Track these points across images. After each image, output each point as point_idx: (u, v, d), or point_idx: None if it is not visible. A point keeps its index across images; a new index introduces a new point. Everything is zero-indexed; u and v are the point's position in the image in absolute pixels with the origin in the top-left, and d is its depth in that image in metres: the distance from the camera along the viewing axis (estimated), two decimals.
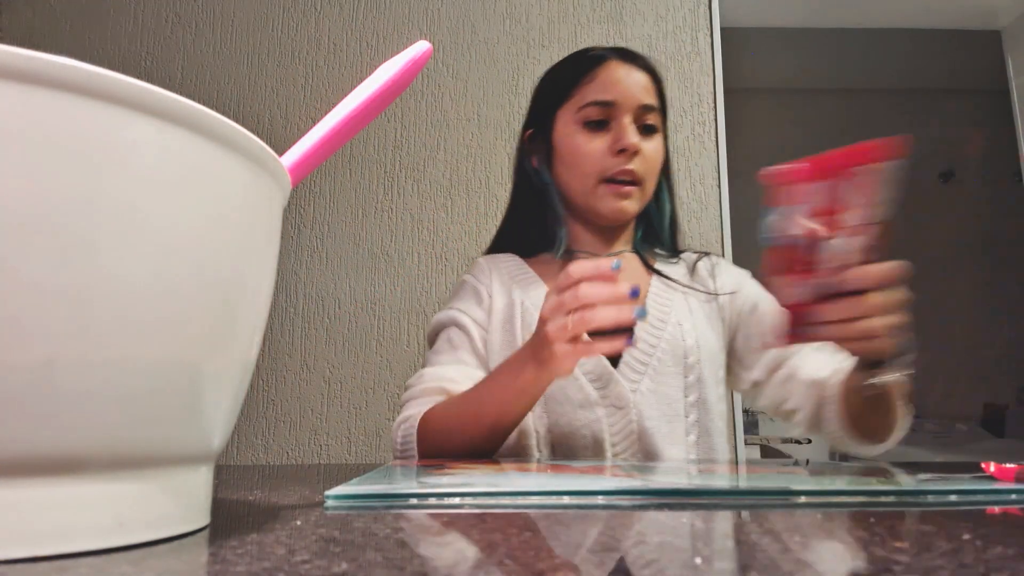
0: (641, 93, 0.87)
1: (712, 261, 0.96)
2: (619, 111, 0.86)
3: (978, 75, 2.80)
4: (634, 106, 0.87)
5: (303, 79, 1.80)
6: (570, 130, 0.89)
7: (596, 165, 0.86)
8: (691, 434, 0.83)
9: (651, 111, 0.88)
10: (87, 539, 0.22)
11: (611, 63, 0.88)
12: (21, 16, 1.83)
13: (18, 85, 0.20)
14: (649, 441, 0.80)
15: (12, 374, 0.20)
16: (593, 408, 0.81)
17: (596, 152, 0.86)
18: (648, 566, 0.22)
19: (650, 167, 0.88)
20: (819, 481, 0.44)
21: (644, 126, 0.88)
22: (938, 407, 2.93)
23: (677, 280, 0.91)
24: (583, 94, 0.88)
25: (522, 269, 0.92)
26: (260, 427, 1.64)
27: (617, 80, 0.87)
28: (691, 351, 0.85)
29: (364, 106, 0.38)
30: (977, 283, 3.07)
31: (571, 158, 0.89)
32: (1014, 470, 0.42)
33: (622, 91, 0.87)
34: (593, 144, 0.87)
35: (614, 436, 0.81)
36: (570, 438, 0.80)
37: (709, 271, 0.94)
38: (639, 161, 0.86)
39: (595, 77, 0.88)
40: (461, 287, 0.93)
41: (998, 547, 0.23)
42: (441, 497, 0.37)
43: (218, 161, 0.26)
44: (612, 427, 0.81)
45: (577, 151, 0.88)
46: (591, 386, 0.81)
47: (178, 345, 0.25)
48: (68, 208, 0.21)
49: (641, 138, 0.87)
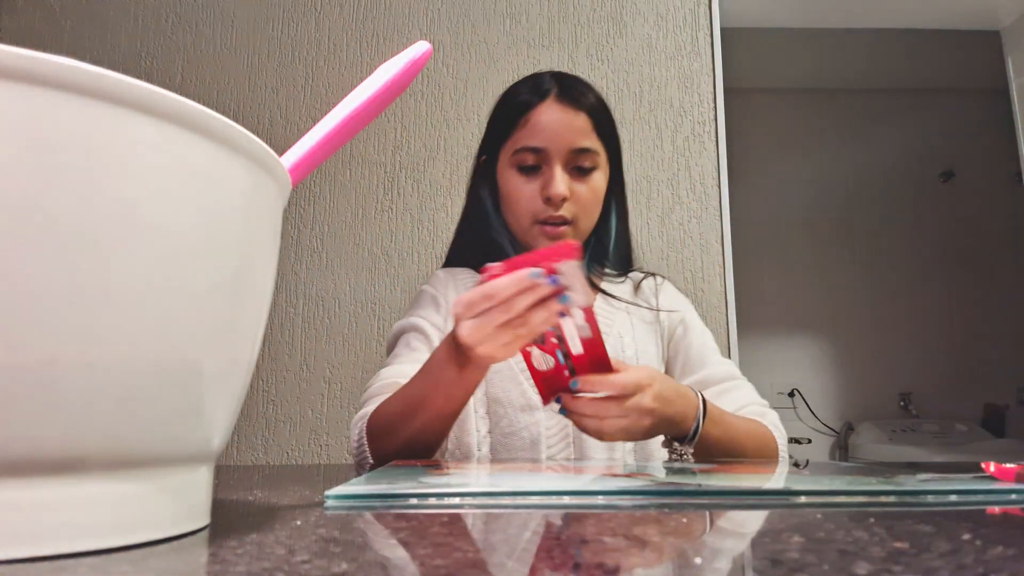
0: (574, 136, 0.87)
1: (657, 282, 1.00)
2: (550, 157, 0.87)
3: (978, 75, 2.80)
4: (565, 151, 0.87)
5: (303, 79, 1.80)
6: (507, 171, 0.91)
7: (528, 208, 0.89)
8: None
9: (585, 153, 0.88)
10: (87, 539, 0.23)
11: (544, 106, 0.88)
12: (21, 16, 1.83)
13: (18, 85, 0.20)
14: (584, 444, 0.85)
15: (12, 374, 0.20)
16: (534, 411, 0.85)
17: (528, 196, 0.89)
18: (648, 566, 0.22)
19: (583, 207, 0.89)
20: (819, 481, 0.44)
21: (578, 168, 0.89)
22: (938, 407, 2.93)
23: (619, 297, 0.95)
24: (516, 138, 0.89)
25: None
26: (260, 427, 1.64)
27: (547, 126, 0.87)
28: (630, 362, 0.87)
29: (364, 106, 0.38)
30: (977, 283, 3.07)
31: (507, 199, 0.91)
32: (1014, 470, 0.42)
33: (552, 137, 0.87)
34: (526, 188, 0.89)
35: (550, 439, 0.85)
36: (510, 438, 0.85)
37: (653, 290, 0.98)
38: (569, 206, 0.88)
39: (527, 121, 0.88)
40: (420, 296, 0.96)
41: (998, 547, 0.23)
42: (441, 497, 0.37)
43: (218, 161, 0.26)
44: (549, 430, 0.85)
45: (511, 193, 0.90)
46: (533, 391, 0.85)
47: (178, 345, 0.25)
48: (68, 208, 0.21)
49: (575, 180, 0.88)
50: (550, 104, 0.88)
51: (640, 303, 0.96)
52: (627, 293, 0.97)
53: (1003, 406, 2.91)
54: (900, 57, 2.89)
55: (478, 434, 0.85)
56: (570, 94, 0.89)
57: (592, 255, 0.97)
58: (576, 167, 0.88)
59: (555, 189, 0.86)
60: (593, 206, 0.91)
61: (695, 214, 1.72)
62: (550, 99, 0.88)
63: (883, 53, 2.86)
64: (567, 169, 0.88)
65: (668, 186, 1.73)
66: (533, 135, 0.88)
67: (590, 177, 0.89)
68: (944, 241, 3.10)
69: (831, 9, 2.20)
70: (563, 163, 0.88)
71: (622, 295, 0.96)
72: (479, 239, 0.96)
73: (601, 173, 0.91)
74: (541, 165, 0.88)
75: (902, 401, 2.96)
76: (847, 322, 3.02)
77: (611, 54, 1.80)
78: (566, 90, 0.89)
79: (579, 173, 0.89)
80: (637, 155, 1.75)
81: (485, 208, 0.95)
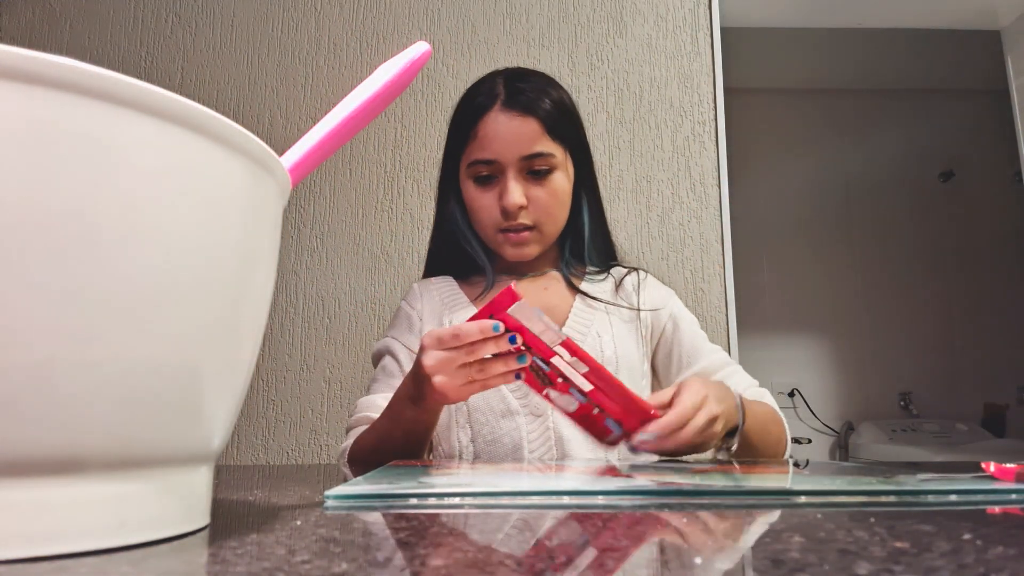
0: (524, 144, 0.86)
1: (639, 277, 0.99)
2: (503, 166, 0.87)
3: (978, 75, 2.80)
4: (516, 159, 0.87)
5: (303, 79, 1.80)
6: (466, 183, 0.91)
7: (489, 219, 0.89)
8: None
9: (538, 157, 0.87)
10: (87, 539, 0.22)
11: (491, 116, 0.87)
12: (21, 16, 1.83)
13: (18, 85, 0.20)
14: (567, 447, 0.85)
15: (12, 374, 0.20)
16: (514, 417, 0.85)
17: (487, 207, 0.89)
18: (649, 566, 0.22)
19: (544, 210, 0.89)
20: (819, 481, 0.44)
21: (533, 172, 0.88)
22: (938, 407, 2.93)
23: (598, 298, 0.94)
24: (469, 151, 0.89)
25: (453, 292, 0.96)
26: (260, 427, 1.64)
27: (496, 135, 0.86)
28: (609, 360, 0.88)
29: (363, 107, 0.38)
30: (977, 283, 3.06)
31: (470, 209, 0.92)
32: (1014, 470, 0.42)
33: (502, 147, 0.86)
34: (484, 199, 0.89)
35: (532, 443, 0.85)
36: (493, 445, 0.85)
37: (635, 286, 0.97)
38: (527, 213, 0.88)
39: (476, 134, 0.87)
40: (396, 315, 0.97)
41: (998, 547, 0.23)
42: (441, 497, 0.37)
43: (218, 161, 0.26)
44: (530, 434, 0.85)
45: (471, 204, 0.91)
46: (512, 395, 0.86)
47: (178, 345, 0.25)
48: (68, 208, 0.21)
49: (532, 184, 0.88)
50: (496, 114, 0.87)
51: (621, 303, 0.94)
52: (608, 291, 0.95)
53: (1003, 406, 2.91)
54: (900, 57, 2.89)
55: (460, 444, 0.87)
56: (517, 100, 0.87)
57: (570, 253, 0.97)
58: (531, 171, 0.88)
59: (509, 199, 0.86)
60: (556, 208, 0.90)
61: (695, 214, 1.72)
62: (495, 108, 0.87)
63: (883, 53, 2.86)
64: (522, 176, 0.87)
65: (668, 186, 1.73)
66: (483, 147, 0.87)
67: (548, 180, 0.88)
68: (944, 241, 3.10)
69: (831, 9, 2.20)
70: (516, 171, 0.87)
71: (602, 294, 0.94)
72: (451, 248, 0.97)
73: (561, 173, 0.90)
74: (496, 175, 0.88)
75: (902, 401, 2.96)
76: (847, 322, 3.02)
77: (611, 54, 1.80)
78: (513, 96, 0.87)
79: (535, 176, 0.88)
80: (637, 155, 1.75)
81: (454, 217, 0.95)
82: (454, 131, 0.93)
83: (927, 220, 3.12)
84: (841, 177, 3.15)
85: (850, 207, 3.13)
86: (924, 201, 3.13)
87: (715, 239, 1.71)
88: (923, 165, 3.14)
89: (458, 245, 0.96)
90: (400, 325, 0.95)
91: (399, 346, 0.92)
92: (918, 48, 2.80)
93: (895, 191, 3.14)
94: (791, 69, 3.01)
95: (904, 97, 3.16)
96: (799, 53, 2.88)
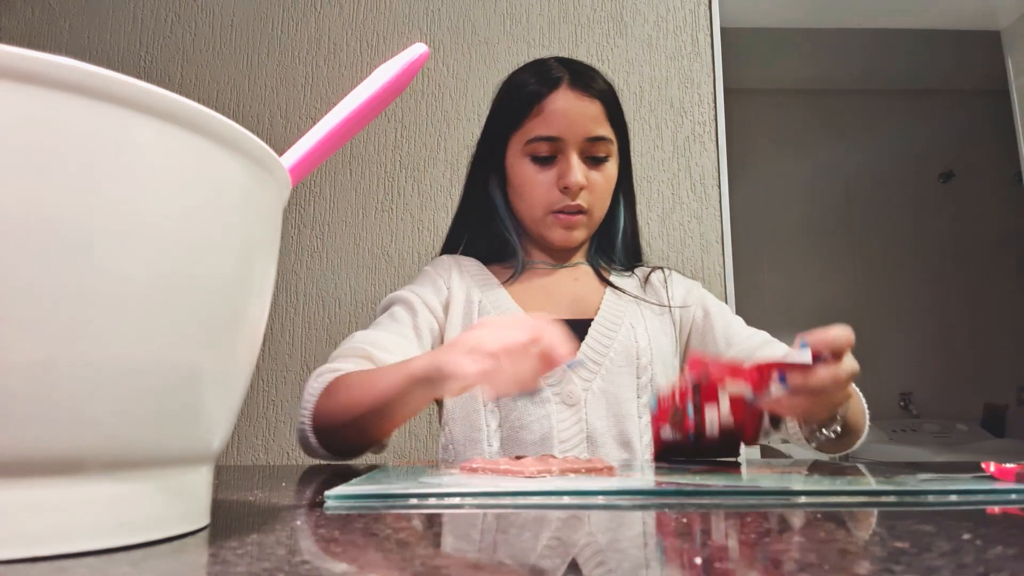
0: (589, 125, 0.86)
1: (665, 273, 0.99)
2: (565, 145, 0.86)
3: (978, 75, 2.80)
4: (580, 139, 0.86)
5: (303, 79, 1.80)
6: (519, 160, 0.89)
7: (543, 198, 0.88)
8: (645, 436, 0.84)
9: (600, 141, 0.87)
10: (87, 539, 0.22)
11: (558, 93, 0.86)
12: (21, 16, 1.83)
13: (18, 85, 0.20)
14: (599, 441, 0.82)
15: (12, 374, 0.20)
16: (545, 404, 0.82)
17: (543, 185, 0.87)
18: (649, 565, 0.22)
19: (598, 197, 0.89)
20: (819, 481, 0.44)
21: (592, 157, 0.88)
22: (938, 407, 2.93)
23: (629, 292, 0.93)
24: (530, 127, 0.87)
25: (483, 272, 0.93)
26: (260, 427, 1.64)
27: (564, 113, 0.86)
28: (643, 352, 0.86)
29: (362, 108, 0.38)
30: (977, 283, 3.07)
31: (520, 188, 0.90)
32: (1014, 470, 0.42)
33: (568, 125, 0.86)
34: (541, 177, 0.87)
35: (562, 433, 0.81)
36: (520, 432, 0.81)
37: (662, 282, 0.97)
38: (585, 195, 0.87)
39: (542, 110, 0.86)
40: (420, 274, 0.94)
41: (998, 547, 0.23)
42: (441, 497, 0.37)
43: (218, 161, 0.26)
44: (561, 423, 0.82)
45: (525, 183, 0.89)
46: (544, 381, 0.82)
47: (178, 345, 0.25)
48: (68, 208, 0.21)
49: (590, 169, 0.87)
50: (563, 91, 0.86)
51: (650, 299, 0.93)
52: (635, 287, 0.95)
53: (1003, 406, 2.91)
54: (900, 57, 2.89)
55: (488, 429, 0.82)
56: (582, 80, 0.87)
57: (598, 247, 0.96)
58: (590, 156, 0.87)
59: (573, 178, 0.85)
60: (607, 196, 0.90)
61: (695, 214, 1.72)
62: (563, 86, 0.86)
63: (883, 53, 2.86)
64: (582, 158, 0.87)
65: (668, 186, 1.73)
66: (547, 124, 0.86)
67: (604, 166, 0.89)
68: (943, 241, 3.10)
69: (831, 9, 2.20)
70: (578, 152, 0.87)
71: (631, 289, 0.94)
72: (483, 230, 0.95)
73: (614, 162, 0.90)
74: (556, 154, 0.87)
75: (902, 401, 2.96)
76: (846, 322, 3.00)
77: (611, 54, 1.80)
78: (578, 76, 0.87)
79: (593, 162, 0.88)
80: (637, 155, 1.74)
81: (492, 199, 0.93)
82: (509, 107, 0.90)
83: (927, 221, 3.12)
84: (841, 177, 3.15)
85: (850, 207, 3.13)
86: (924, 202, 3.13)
87: (715, 239, 1.71)
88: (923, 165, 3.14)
89: (489, 227, 0.94)
90: (423, 283, 0.91)
91: (417, 299, 0.87)
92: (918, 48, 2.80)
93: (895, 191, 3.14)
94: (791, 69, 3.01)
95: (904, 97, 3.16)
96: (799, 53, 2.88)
